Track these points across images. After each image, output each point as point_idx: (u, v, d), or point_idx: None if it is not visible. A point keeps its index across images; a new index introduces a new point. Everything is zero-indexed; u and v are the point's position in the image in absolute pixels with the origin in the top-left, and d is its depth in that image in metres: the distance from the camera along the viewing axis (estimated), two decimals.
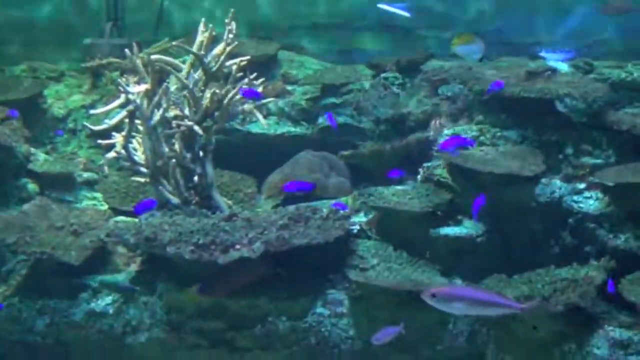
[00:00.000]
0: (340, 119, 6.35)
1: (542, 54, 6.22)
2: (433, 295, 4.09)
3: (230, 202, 5.88)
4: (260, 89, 5.64)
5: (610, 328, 4.61)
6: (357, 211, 5.54)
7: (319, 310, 5.01)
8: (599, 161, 5.37)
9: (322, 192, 5.91)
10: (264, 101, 5.73)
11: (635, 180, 4.87)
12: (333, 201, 5.73)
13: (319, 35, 7.71)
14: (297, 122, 6.53)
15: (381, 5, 7.69)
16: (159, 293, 5.16)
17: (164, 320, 5.11)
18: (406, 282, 4.91)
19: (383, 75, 6.36)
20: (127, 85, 5.43)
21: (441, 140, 5.24)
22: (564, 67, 6.02)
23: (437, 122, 5.70)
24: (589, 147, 5.43)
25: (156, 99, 5.39)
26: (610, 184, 4.99)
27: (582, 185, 5.17)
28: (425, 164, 5.58)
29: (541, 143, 5.45)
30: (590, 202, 5.06)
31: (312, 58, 7.36)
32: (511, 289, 4.78)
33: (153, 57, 5.56)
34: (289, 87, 6.70)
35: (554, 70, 5.72)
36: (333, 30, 7.75)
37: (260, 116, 5.70)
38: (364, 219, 5.44)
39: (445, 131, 5.71)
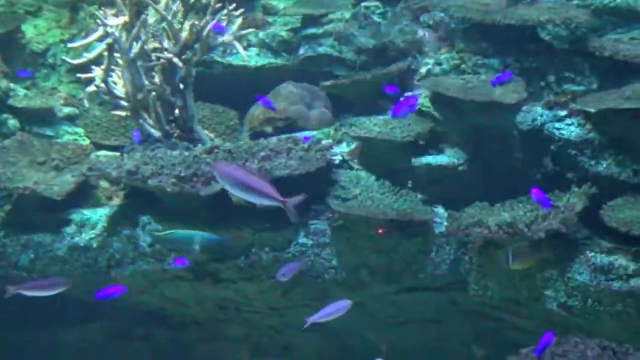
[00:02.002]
0: (321, 49, 6.28)
1: None
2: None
3: (211, 134, 5.85)
4: (239, 20, 5.57)
5: (592, 254, 4.65)
6: (339, 142, 5.52)
7: (302, 240, 5.03)
8: (581, 88, 5.35)
9: (304, 123, 5.88)
10: (243, 32, 5.66)
11: (617, 106, 4.86)
12: (315, 132, 5.72)
13: None
14: (278, 53, 6.46)
15: None
16: (142, 226, 5.16)
17: (148, 253, 5.13)
18: (388, 211, 4.93)
19: (364, 4, 6.27)
20: (105, 18, 5.35)
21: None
22: None
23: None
24: (571, 74, 5.41)
25: (134, 31, 5.33)
26: (592, 110, 4.98)
27: (563, 112, 5.14)
28: (406, 93, 5.54)
29: (523, 70, 5.42)
30: (572, 129, 5.05)
31: None
32: (493, 216, 4.81)
33: None
34: (269, 18, 6.61)
35: None
36: None
37: (240, 48, 5.64)
38: (345, 150, 5.43)
39: (427, 59, 5.67)
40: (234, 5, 5.53)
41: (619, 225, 4.54)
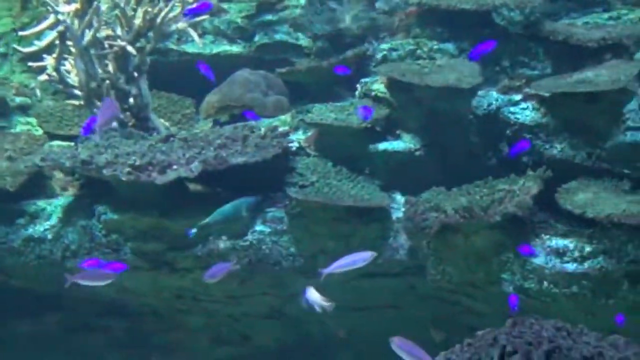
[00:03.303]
0: (277, 36, 6.26)
1: None
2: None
3: (167, 123, 5.80)
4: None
5: (547, 237, 4.70)
6: (295, 129, 5.50)
7: (260, 228, 5.02)
8: (535, 72, 5.37)
9: (261, 110, 5.85)
10: (198, 19, 5.61)
11: (570, 89, 4.90)
12: (272, 119, 5.70)
13: None
14: (234, 40, 6.41)
15: None
16: (97, 216, 5.11)
17: (104, 243, 5.08)
18: (346, 198, 4.92)
19: None
20: (57, 5, 5.28)
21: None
22: None
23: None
24: (525, 59, 5.43)
25: (87, 18, 5.27)
26: (546, 94, 5.01)
27: (518, 97, 5.17)
28: (363, 80, 5.54)
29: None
30: (527, 113, 5.07)
31: None
32: (450, 200, 4.83)
33: None
34: (225, 5, 6.56)
35: None
36: None
37: (195, 35, 5.60)
38: (302, 137, 5.42)
39: (382, 45, 5.67)
40: None
41: (574, 207, 4.58)
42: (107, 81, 5.36)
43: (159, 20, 5.40)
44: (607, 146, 4.86)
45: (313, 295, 4.43)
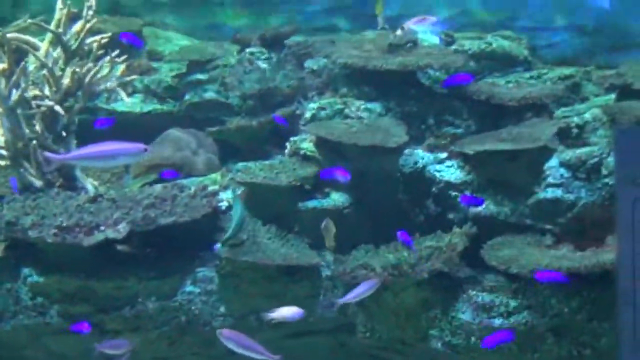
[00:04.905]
0: (207, 95, 6.30)
1: (411, 26, 6.29)
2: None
3: (96, 182, 5.76)
4: (123, 67, 5.55)
5: (474, 292, 4.77)
6: (225, 187, 5.52)
7: (189, 288, 5.00)
8: (459, 130, 5.49)
9: (191, 169, 5.87)
10: (127, 78, 5.63)
11: (493, 147, 5.02)
12: (202, 178, 5.71)
13: (185, 11, 7.58)
14: (164, 99, 6.44)
15: None
16: (23, 279, 5.03)
17: (29, 306, 5.00)
18: (275, 257, 4.94)
19: (248, 50, 6.34)
20: None
21: None
22: (434, 39, 6.14)
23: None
24: (450, 117, 5.55)
25: (14, 78, 5.23)
26: (470, 152, 5.13)
27: (444, 155, 5.27)
28: (292, 138, 5.60)
29: (404, 114, 5.53)
30: (452, 171, 5.18)
31: (178, 34, 7.27)
32: (378, 258, 4.88)
33: (9, 35, 5.40)
34: (155, 64, 6.59)
35: (415, 42, 5.81)
36: (198, 5, 7.64)
37: (124, 94, 5.60)
38: (232, 196, 5.42)
39: (311, 104, 5.74)
40: (117, 51, 5.51)
41: (499, 263, 4.67)
42: (34, 141, 5.31)
43: (87, 79, 5.40)
44: (529, 202, 4.98)
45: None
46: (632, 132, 3.32)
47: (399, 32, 5.57)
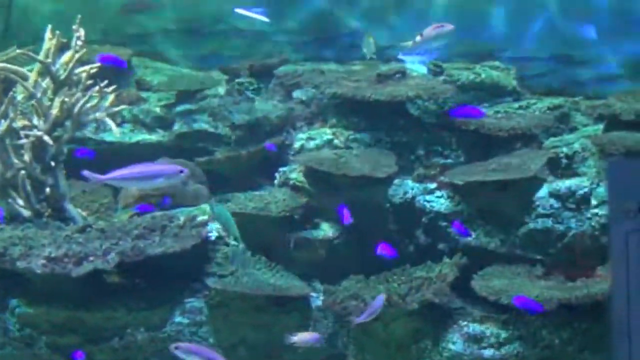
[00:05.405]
0: (196, 125, 6.30)
1: (400, 56, 6.35)
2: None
3: (84, 213, 5.74)
4: (112, 97, 5.54)
5: (464, 323, 4.76)
6: (215, 218, 5.50)
7: (178, 319, 4.96)
8: (449, 161, 5.53)
9: (180, 199, 5.84)
10: (116, 109, 5.62)
11: (482, 178, 5.04)
12: (191, 208, 5.69)
13: (176, 41, 7.61)
14: (153, 129, 6.43)
15: (238, 10, 7.67)
16: (11, 310, 4.99)
17: (17, 338, 4.95)
18: (265, 287, 4.92)
19: (237, 80, 6.36)
20: None
21: None
22: (422, 69, 6.18)
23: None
24: (439, 148, 5.58)
25: (2, 108, 5.23)
26: (460, 182, 5.14)
27: (433, 185, 5.29)
28: (281, 169, 5.61)
29: (393, 144, 5.57)
30: (442, 201, 5.20)
31: (167, 64, 7.28)
32: (369, 289, 4.87)
33: None
34: (143, 94, 6.59)
35: (404, 73, 5.85)
36: (189, 35, 7.67)
37: (112, 124, 5.59)
38: (221, 226, 5.41)
39: (300, 135, 5.75)
40: (106, 81, 5.50)
41: (489, 294, 4.67)
42: (23, 171, 5.30)
43: (76, 109, 5.39)
44: (519, 233, 4.99)
45: None
46: (624, 164, 3.33)
47: (417, 38, 5.54)
